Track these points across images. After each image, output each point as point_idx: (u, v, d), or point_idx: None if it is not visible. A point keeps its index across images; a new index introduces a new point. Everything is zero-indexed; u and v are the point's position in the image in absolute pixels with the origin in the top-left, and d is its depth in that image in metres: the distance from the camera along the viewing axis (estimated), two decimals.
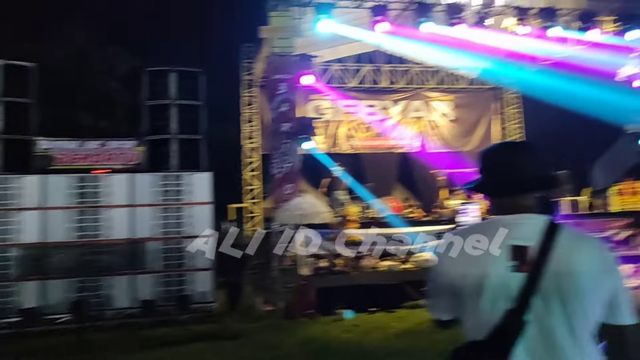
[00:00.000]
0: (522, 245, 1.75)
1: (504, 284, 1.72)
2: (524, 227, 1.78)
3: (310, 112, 17.09)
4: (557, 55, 15.23)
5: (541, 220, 1.80)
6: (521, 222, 1.79)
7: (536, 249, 1.73)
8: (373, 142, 17.99)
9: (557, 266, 1.70)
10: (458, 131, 18.70)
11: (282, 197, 11.21)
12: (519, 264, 1.73)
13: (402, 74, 18.31)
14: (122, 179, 10.13)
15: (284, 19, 11.58)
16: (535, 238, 1.75)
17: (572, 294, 1.69)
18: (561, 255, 1.72)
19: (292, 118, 11.61)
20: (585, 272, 1.70)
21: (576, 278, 1.69)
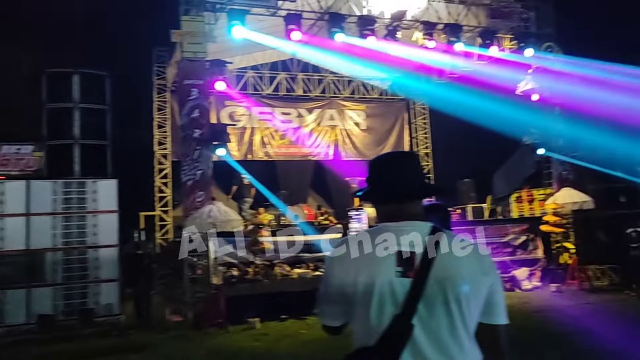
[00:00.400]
0: (408, 251, 1.79)
1: (391, 290, 1.76)
2: (410, 233, 1.83)
3: (224, 118, 16.92)
4: (461, 69, 16.03)
5: (426, 226, 1.86)
6: (407, 229, 1.84)
7: (421, 255, 1.78)
8: (288, 150, 18.06)
9: (441, 271, 1.77)
10: (370, 140, 19.17)
11: (193, 205, 10.97)
12: (405, 270, 1.77)
13: (317, 83, 18.55)
14: (18, 185, 9.52)
15: (196, 24, 11.37)
16: (420, 244, 1.80)
17: (454, 296, 1.76)
18: (444, 260, 1.78)
19: (204, 124, 11.40)
20: (465, 275, 1.78)
21: (458, 281, 1.76)
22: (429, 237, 1.82)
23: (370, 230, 1.92)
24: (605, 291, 12.06)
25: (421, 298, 1.75)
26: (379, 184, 1.96)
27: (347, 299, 1.83)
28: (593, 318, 8.98)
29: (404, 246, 1.80)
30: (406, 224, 1.86)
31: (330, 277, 1.89)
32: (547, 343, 7.38)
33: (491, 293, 1.83)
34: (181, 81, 11.50)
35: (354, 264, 1.82)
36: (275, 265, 10.99)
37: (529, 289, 12.64)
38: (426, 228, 1.85)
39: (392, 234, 1.84)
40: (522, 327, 8.07)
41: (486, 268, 1.84)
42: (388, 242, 1.82)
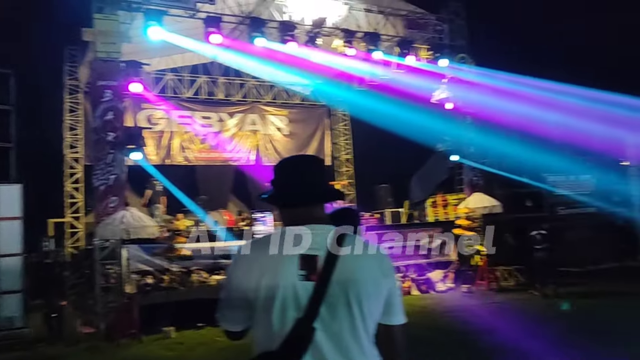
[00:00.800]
0: (311, 254, 1.81)
1: (294, 294, 1.77)
2: (313, 237, 1.84)
3: (141, 121, 16.38)
4: (380, 77, 16.44)
5: (329, 230, 1.88)
6: (310, 232, 1.85)
7: (324, 258, 1.80)
8: (208, 155, 17.75)
9: (343, 273, 1.79)
10: (292, 145, 19.20)
11: (106, 211, 10.54)
12: (308, 273, 1.78)
13: (238, 87, 18.39)
14: None
15: (109, 22, 10.94)
16: (323, 247, 1.82)
17: (356, 299, 1.78)
18: (346, 263, 1.81)
19: (118, 127, 10.99)
20: (367, 278, 1.82)
21: (359, 284, 1.79)
22: (331, 241, 1.84)
23: (274, 233, 1.92)
24: (511, 291, 12.73)
25: (323, 301, 1.76)
26: (283, 187, 1.97)
27: (249, 303, 1.82)
28: (499, 317, 9.45)
29: (308, 249, 1.82)
30: (310, 227, 1.87)
31: (232, 281, 1.88)
32: (455, 342, 7.69)
33: (390, 295, 1.88)
34: (94, 82, 11.05)
35: (258, 267, 1.81)
36: (192, 272, 10.76)
37: (442, 290, 13.12)
38: (329, 231, 1.87)
39: (296, 237, 1.84)
40: (434, 327, 8.37)
41: (386, 270, 1.89)
42: (291, 245, 1.83)
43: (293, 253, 1.82)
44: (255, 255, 1.86)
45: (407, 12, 14.72)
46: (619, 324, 8.66)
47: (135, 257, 10.37)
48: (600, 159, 16.07)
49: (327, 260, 1.80)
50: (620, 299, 11.02)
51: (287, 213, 1.96)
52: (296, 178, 1.96)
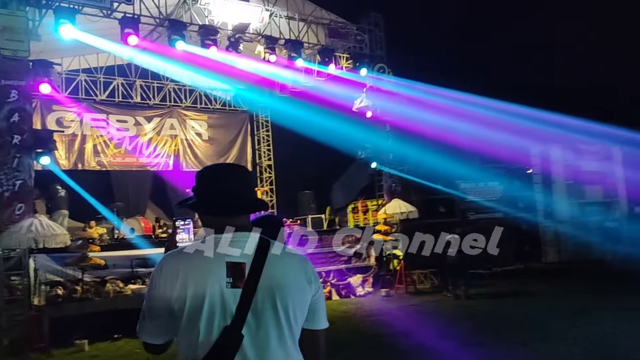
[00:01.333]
0: (238, 262, 1.81)
1: (222, 301, 1.76)
2: (239, 244, 1.85)
3: (51, 124, 15.55)
4: (302, 84, 16.61)
5: (254, 237, 1.89)
6: (236, 240, 1.86)
7: (250, 265, 1.81)
8: (123, 160, 17.10)
9: (269, 280, 1.81)
10: (213, 151, 18.93)
11: (11, 218, 9.90)
12: (234, 280, 1.78)
13: (156, 91, 17.90)
14: None
15: (16, 18, 10.32)
16: (249, 255, 1.83)
17: (282, 305, 1.81)
18: (272, 270, 1.83)
19: (26, 130, 10.37)
20: (292, 284, 1.85)
21: (285, 290, 1.82)
22: (257, 248, 1.85)
23: (198, 243, 1.90)
24: (427, 293, 13.23)
25: (250, 308, 1.77)
26: (209, 195, 1.95)
27: (172, 313, 1.79)
28: (415, 318, 9.82)
29: (234, 257, 1.82)
30: (235, 235, 1.87)
31: (155, 291, 1.84)
32: (375, 345, 7.89)
33: (315, 300, 1.92)
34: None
35: (183, 276, 1.79)
36: (107, 281, 10.33)
37: (362, 295, 13.39)
38: (255, 239, 1.88)
39: (222, 246, 1.84)
40: (355, 331, 8.55)
41: (310, 276, 1.92)
42: (218, 253, 1.83)
43: (219, 261, 1.81)
44: (179, 264, 1.83)
45: (329, 21, 14.96)
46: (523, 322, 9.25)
47: (44, 267, 9.82)
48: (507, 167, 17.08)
49: (252, 268, 1.81)
50: (524, 298, 11.76)
51: (212, 221, 1.95)
52: (220, 187, 1.94)
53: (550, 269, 16.42)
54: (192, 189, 2.01)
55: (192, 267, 1.81)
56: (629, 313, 9.21)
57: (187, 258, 1.84)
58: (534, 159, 18.06)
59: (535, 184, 17.87)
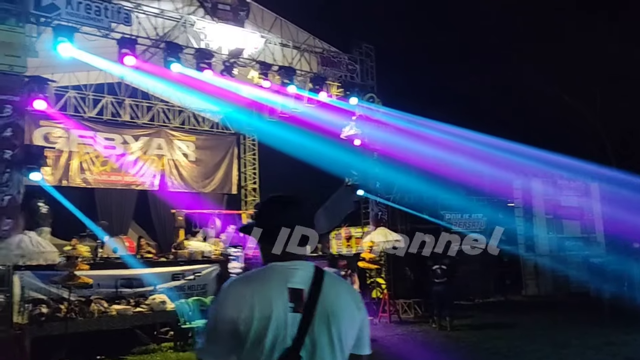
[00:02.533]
0: (298, 288, 1.97)
1: (284, 325, 1.92)
2: (298, 272, 2.01)
3: (38, 139, 15.39)
4: (292, 110, 16.81)
5: (310, 266, 2.06)
6: (296, 268, 2.02)
7: (308, 292, 1.97)
8: (109, 177, 16.96)
9: (324, 306, 1.97)
10: (199, 172, 18.89)
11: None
12: (295, 306, 1.94)
13: (145, 110, 17.88)
14: None
15: (15, 35, 10.32)
16: (307, 282, 1.99)
17: (336, 330, 1.97)
18: (327, 297, 1.99)
19: (17, 145, 10.29)
20: (344, 311, 2.01)
21: (338, 316, 1.98)
22: (313, 276, 2.02)
23: (261, 269, 2.07)
24: (411, 323, 13.30)
25: (308, 332, 1.93)
26: (270, 225, 2.08)
27: (238, 334, 1.92)
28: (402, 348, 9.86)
29: (294, 284, 1.98)
30: (293, 263, 2.04)
31: (222, 313, 1.96)
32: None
33: (362, 327, 2.09)
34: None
35: (249, 300, 1.93)
36: (92, 301, 10.20)
37: None
38: (311, 267, 2.06)
39: (283, 273, 2.00)
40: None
41: (359, 304, 2.10)
42: (280, 280, 1.98)
43: (282, 287, 1.97)
44: (246, 288, 1.97)
45: (322, 50, 15.23)
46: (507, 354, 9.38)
47: (30, 284, 9.67)
48: (490, 199, 17.40)
49: (310, 294, 1.98)
50: (508, 330, 11.91)
51: (272, 249, 2.08)
52: (285, 218, 2.10)
53: (530, 302, 16.66)
54: (255, 216, 2.15)
55: (258, 292, 1.95)
56: (610, 347, 9.41)
57: (253, 283, 1.99)
58: (516, 192, 18.44)
59: (516, 216, 18.21)
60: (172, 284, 12.05)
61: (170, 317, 10.96)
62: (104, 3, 11.46)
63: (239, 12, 13.77)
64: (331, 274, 2.11)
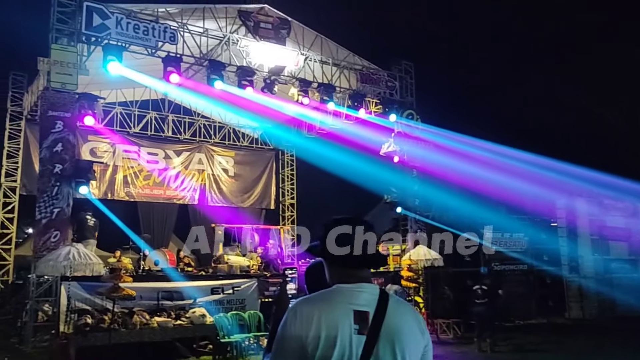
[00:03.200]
0: (364, 310, 2.01)
1: (350, 346, 1.95)
2: (364, 295, 2.04)
3: (85, 153, 15.92)
4: (330, 126, 16.92)
5: (375, 289, 2.09)
6: (361, 291, 2.05)
7: (373, 314, 2.00)
8: (151, 191, 17.38)
9: (389, 329, 2.00)
10: (238, 187, 19.16)
11: (46, 245, 10.10)
12: (361, 328, 1.98)
13: (187, 125, 18.29)
14: None
15: (67, 54, 10.77)
16: (372, 305, 2.02)
17: (400, 352, 1.99)
18: (391, 320, 2.02)
19: (67, 159, 10.67)
20: (408, 334, 2.04)
21: (402, 339, 2.01)
22: (378, 298, 2.05)
23: (327, 291, 2.09)
24: (450, 344, 13.04)
25: (372, 354, 1.96)
26: (338, 246, 2.12)
27: (306, 354, 1.96)
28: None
29: (360, 306, 2.01)
30: (359, 285, 2.07)
31: (290, 332, 2.00)
32: None
33: (426, 351, 2.11)
34: (45, 112, 10.73)
35: (317, 320, 1.97)
36: (135, 313, 10.40)
37: None
38: (375, 290, 2.09)
39: (349, 295, 2.04)
40: None
41: (423, 328, 2.12)
42: (346, 302, 2.02)
43: (347, 309, 2.00)
44: (313, 309, 2.01)
45: (361, 67, 15.31)
46: None
47: (76, 295, 9.95)
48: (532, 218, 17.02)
49: (375, 317, 2.01)
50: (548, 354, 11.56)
51: (340, 271, 2.12)
52: (357, 241, 2.13)
53: (574, 325, 16.14)
54: (320, 238, 2.17)
55: (325, 313, 1.99)
56: None
57: (320, 304, 2.03)
58: (559, 211, 18.00)
59: (560, 237, 17.74)
60: (211, 297, 12.18)
61: (210, 330, 11.06)
62: (151, 23, 11.84)
63: (280, 31, 14.00)
64: (395, 297, 2.13)
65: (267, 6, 13.81)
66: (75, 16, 11.17)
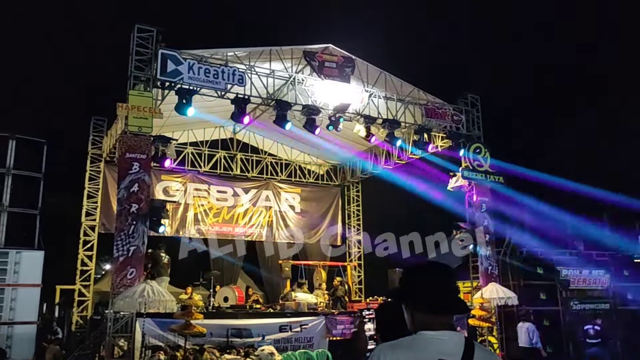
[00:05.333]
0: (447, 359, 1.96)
1: None
2: (449, 343, 2.01)
3: (158, 193, 16.59)
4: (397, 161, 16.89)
5: (460, 337, 2.06)
6: (446, 339, 2.02)
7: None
8: (221, 228, 17.81)
9: None
10: (304, 223, 19.30)
11: (123, 282, 10.48)
12: None
13: (255, 163, 18.72)
14: None
15: (143, 99, 11.37)
16: (458, 353, 1.98)
17: None
18: None
19: (143, 199, 11.14)
20: None
21: None
22: (464, 346, 2.01)
23: (410, 338, 2.08)
24: None
25: None
26: (423, 293, 2.10)
27: None
28: None
29: (446, 355, 1.97)
30: (443, 333, 2.03)
31: None
32: None
33: None
34: (123, 154, 11.28)
35: None
36: (205, 350, 10.55)
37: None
38: (461, 338, 2.06)
39: (434, 343, 2.01)
40: None
41: None
42: (431, 350, 1.99)
43: (432, 356, 1.97)
44: (398, 356, 1.99)
45: (426, 102, 15.23)
46: None
47: (150, 331, 10.24)
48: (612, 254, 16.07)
49: None
50: None
51: (424, 318, 2.09)
52: (440, 288, 2.12)
53: None
54: (403, 284, 2.17)
55: (410, 359, 1.97)
56: None
57: (404, 351, 2.01)
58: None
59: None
60: (279, 335, 12.18)
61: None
62: (221, 67, 12.32)
63: (345, 69, 14.20)
64: (480, 346, 2.07)
65: (332, 46, 14.08)
66: (151, 63, 11.81)
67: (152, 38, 11.86)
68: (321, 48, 13.98)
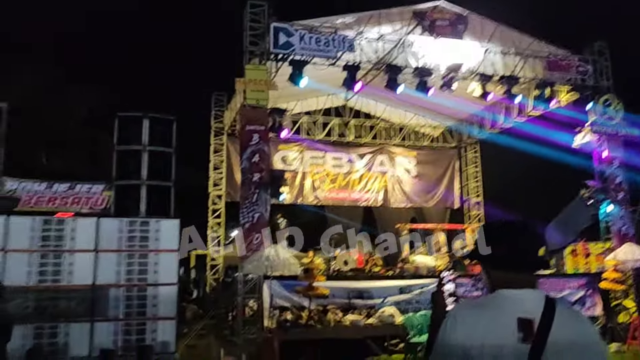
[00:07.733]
0: (528, 318, 1.89)
1: (514, 354, 1.85)
2: (528, 301, 1.93)
3: (276, 162, 17.27)
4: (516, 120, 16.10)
5: (541, 295, 1.97)
6: (526, 297, 1.95)
7: (539, 322, 1.88)
8: (337, 195, 18.21)
9: (557, 339, 1.86)
10: (421, 187, 19.14)
11: (250, 247, 11.17)
12: (525, 336, 1.87)
13: (368, 129, 18.80)
14: (88, 223, 9.90)
15: (259, 72, 11.82)
16: (537, 312, 1.90)
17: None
18: (560, 329, 1.88)
19: (264, 169, 11.71)
20: (577, 343, 1.88)
21: (572, 348, 1.86)
22: (545, 305, 1.92)
23: (490, 297, 2.03)
24: None
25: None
26: (504, 251, 2.04)
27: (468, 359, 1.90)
28: None
29: (524, 313, 1.90)
30: (524, 291, 1.96)
31: (452, 340, 1.95)
32: None
33: None
34: (243, 127, 11.87)
35: (479, 328, 1.91)
36: (329, 310, 10.99)
37: None
38: (541, 296, 1.96)
39: (513, 301, 1.94)
40: None
41: (596, 337, 1.94)
42: (510, 308, 1.92)
43: (511, 315, 1.90)
44: (476, 317, 1.95)
45: (548, 54, 14.27)
46: None
47: (277, 293, 10.84)
48: None
49: (541, 325, 1.88)
50: None
51: (499, 276, 2.04)
52: (523, 245, 2.05)
53: None
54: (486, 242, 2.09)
55: (488, 320, 1.92)
56: None
57: (482, 310, 1.97)
58: None
59: None
60: (399, 297, 12.34)
61: (399, 330, 11.20)
62: (331, 35, 12.42)
63: (458, 25, 13.70)
64: (565, 304, 1.98)
65: (442, 3, 13.61)
66: (264, 37, 12.21)
67: (264, 12, 12.22)
68: (431, 7, 13.57)
